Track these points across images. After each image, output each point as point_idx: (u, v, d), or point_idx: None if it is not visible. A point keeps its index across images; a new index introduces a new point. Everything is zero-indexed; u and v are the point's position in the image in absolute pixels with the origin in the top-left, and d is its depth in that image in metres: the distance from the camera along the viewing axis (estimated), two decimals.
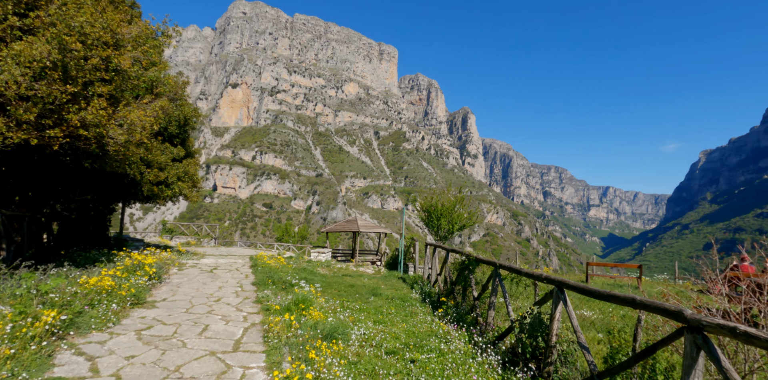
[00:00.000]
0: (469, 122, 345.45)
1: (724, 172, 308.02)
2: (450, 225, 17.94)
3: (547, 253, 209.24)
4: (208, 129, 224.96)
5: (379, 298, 8.07)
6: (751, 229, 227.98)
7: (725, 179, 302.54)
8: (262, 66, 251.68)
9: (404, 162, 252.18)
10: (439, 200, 18.63)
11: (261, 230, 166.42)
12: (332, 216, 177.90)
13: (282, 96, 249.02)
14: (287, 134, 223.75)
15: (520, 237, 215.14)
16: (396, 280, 12.44)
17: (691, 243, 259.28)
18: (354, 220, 27.05)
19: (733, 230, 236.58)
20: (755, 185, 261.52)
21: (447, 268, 8.48)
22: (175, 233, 29.33)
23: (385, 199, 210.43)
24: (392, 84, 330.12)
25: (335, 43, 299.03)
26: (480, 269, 6.79)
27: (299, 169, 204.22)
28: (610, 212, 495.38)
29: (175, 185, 11.39)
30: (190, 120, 12.36)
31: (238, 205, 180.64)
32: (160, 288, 8.35)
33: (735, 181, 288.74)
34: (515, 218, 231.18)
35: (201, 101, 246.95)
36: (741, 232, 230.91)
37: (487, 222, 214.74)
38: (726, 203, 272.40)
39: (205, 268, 11.46)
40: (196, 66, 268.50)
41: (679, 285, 13.53)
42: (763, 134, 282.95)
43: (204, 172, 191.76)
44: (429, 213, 18.41)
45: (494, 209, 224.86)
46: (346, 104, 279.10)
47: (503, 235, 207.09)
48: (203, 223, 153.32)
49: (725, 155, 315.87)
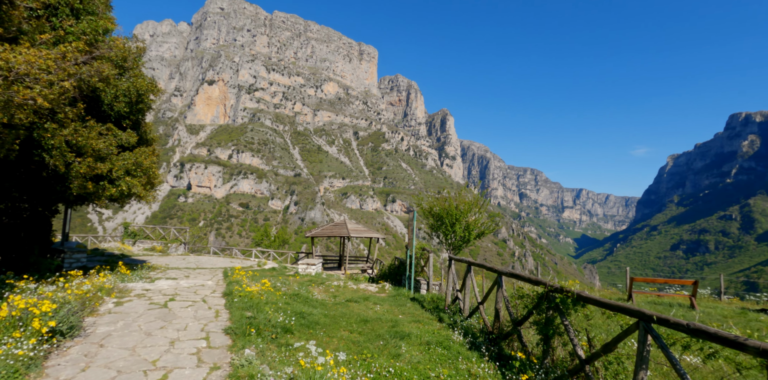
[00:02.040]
0: (447, 124, 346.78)
1: (690, 176, 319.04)
2: (465, 232, 15.71)
3: (523, 254, 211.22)
4: (183, 126, 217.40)
5: (410, 344, 5.70)
6: (715, 230, 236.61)
7: (691, 183, 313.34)
8: (239, 63, 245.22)
9: (383, 163, 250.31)
10: (453, 202, 16.33)
11: (237, 230, 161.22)
12: (310, 217, 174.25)
13: (260, 94, 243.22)
14: (265, 132, 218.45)
15: (497, 238, 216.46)
16: (411, 304, 10.32)
17: (659, 244, 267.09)
18: (343, 223, 24.47)
19: (698, 231, 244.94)
20: (719, 189, 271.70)
21: (503, 298, 6.09)
22: (139, 237, 25.94)
23: (363, 199, 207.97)
24: (372, 84, 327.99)
25: (315, 42, 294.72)
26: (582, 312, 4.53)
27: (277, 168, 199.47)
28: (583, 213, 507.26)
29: (123, 181, 8.42)
30: (144, 96, 9.32)
31: (213, 205, 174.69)
32: (65, 352, 4.96)
33: (700, 184, 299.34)
34: (492, 220, 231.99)
35: (176, 97, 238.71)
36: (705, 233, 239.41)
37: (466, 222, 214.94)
38: (692, 206, 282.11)
39: (158, 298, 8.44)
40: (170, 61, 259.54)
41: (727, 302, 12.01)
42: (726, 140, 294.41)
43: (178, 170, 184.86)
44: (440, 218, 15.99)
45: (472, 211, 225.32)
46: (325, 103, 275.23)
47: None
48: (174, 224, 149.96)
49: (691, 160, 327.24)
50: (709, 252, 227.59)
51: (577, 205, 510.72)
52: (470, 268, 8.50)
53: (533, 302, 5.09)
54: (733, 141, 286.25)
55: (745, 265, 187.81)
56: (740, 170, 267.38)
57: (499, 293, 6.41)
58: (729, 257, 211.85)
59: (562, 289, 4.69)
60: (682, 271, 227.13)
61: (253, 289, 8.48)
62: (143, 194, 10.10)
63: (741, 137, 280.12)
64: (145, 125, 10.96)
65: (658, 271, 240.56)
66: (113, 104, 8.20)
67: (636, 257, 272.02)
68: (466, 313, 8.31)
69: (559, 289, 4.74)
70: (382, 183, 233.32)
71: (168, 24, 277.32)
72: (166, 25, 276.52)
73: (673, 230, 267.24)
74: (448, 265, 9.77)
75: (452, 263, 9.79)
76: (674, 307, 10.20)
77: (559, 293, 4.72)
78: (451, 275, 9.49)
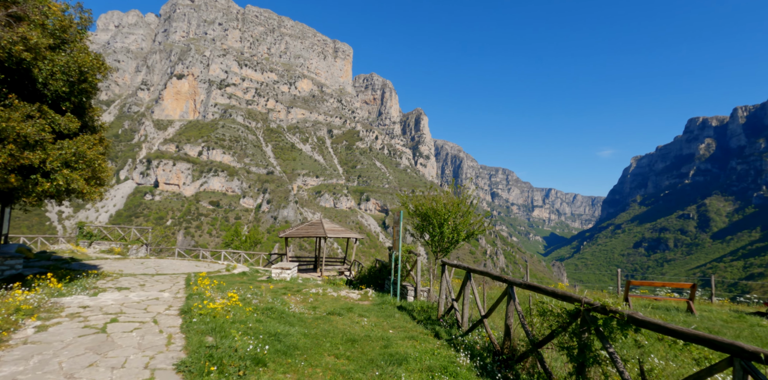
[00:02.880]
0: (422, 123, 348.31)
1: (651, 176, 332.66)
2: (454, 234, 14.67)
3: (495, 252, 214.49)
4: (150, 122, 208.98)
5: (410, 371, 4.70)
6: (674, 229, 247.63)
7: (653, 183, 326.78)
8: (210, 58, 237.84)
9: (357, 161, 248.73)
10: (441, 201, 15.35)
11: (207, 229, 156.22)
12: (283, 215, 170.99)
13: (232, 90, 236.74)
14: (237, 129, 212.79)
15: None
16: (399, 314, 9.31)
17: (623, 242, 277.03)
18: (319, 223, 23.07)
19: (659, 229, 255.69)
20: (678, 189, 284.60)
21: (517, 313, 5.09)
22: (96, 238, 23.55)
23: (338, 198, 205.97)
24: (347, 82, 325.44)
25: (289, 38, 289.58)
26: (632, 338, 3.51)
27: (249, 166, 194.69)
28: (552, 212, 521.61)
29: (60, 174, 6.99)
30: (89, 75, 7.81)
31: (182, 203, 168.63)
32: None
33: (661, 185, 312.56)
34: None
35: (142, 91, 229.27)
36: (665, 232, 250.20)
37: None
38: (653, 205, 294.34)
39: (96, 319, 6.73)
40: (137, 54, 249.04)
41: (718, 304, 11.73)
42: (684, 142, 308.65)
43: (145, 167, 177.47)
44: (427, 218, 15.01)
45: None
46: (299, 100, 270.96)
47: None
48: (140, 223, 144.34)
49: (653, 161, 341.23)
50: (669, 250, 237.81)
51: (547, 204, 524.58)
52: (470, 275, 7.46)
53: (562, 321, 4.24)
54: (691, 144, 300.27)
55: (701, 261, 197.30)
56: (697, 172, 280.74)
57: (510, 306, 5.51)
58: (687, 254, 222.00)
59: (605, 308, 3.79)
60: (644, 268, 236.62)
61: (217, 305, 7.05)
62: (86, 190, 8.55)
63: (698, 140, 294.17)
64: (92, 110, 9.49)
65: (622, 268, 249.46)
66: (49, 82, 6.87)
67: (601, 255, 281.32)
68: (465, 327, 7.31)
69: (601, 308, 3.84)
70: (356, 182, 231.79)
71: (135, 15, 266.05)
72: (133, 16, 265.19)
73: (636, 229, 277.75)
74: (442, 270, 8.83)
75: (446, 269, 8.84)
76: (671, 311, 9.76)
77: (601, 312, 3.84)
78: (444, 282, 8.58)
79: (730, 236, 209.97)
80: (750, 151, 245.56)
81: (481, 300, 8.43)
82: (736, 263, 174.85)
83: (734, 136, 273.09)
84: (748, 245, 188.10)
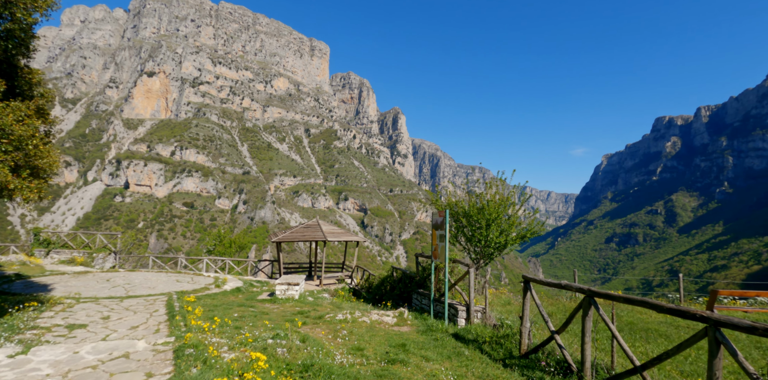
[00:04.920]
0: (399, 122, 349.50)
1: (621, 174, 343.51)
2: (503, 237, 12.07)
3: None
4: (120, 121, 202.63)
5: None
6: (643, 224, 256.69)
7: (623, 180, 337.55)
8: (183, 55, 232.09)
9: (335, 160, 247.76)
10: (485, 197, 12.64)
11: (181, 231, 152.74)
12: (260, 216, 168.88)
13: (205, 88, 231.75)
14: (211, 128, 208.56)
15: None
16: (467, 349, 7.28)
17: (595, 237, 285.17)
18: (316, 225, 20.94)
19: (629, 225, 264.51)
20: (646, 186, 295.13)
21: None
22: (55, 246, 20.62)
23: (315, 198, 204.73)
24: (324, 81, 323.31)
25: (264, 36, 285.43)
26: None
27: (224, 166, 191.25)
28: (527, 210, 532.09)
29: None
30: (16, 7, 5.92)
31: (154, 204, 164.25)
32: None
33: (630, 182, 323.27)
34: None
35: (111, 89, 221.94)
36: (635, 227, 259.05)
37: (417, 220, 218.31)
38: (623, 202, 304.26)
39: None
40: (105, 50, 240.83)
41: None
42: (652, 141, 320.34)
43: (114, 168, 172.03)
44: (468, 218, 12.43)
45: (424, 208, 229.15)
46: (275, 99, 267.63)
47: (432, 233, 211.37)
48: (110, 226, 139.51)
49: (623, 159, 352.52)
50: (639, 244, 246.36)
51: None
52: (592, 303, 5.54)
53: None
54: (658, 142, 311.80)
55: (669, 255, 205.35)
56: (664, 169, 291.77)
57: (716, 362, 3.82)
58: (655, 248, 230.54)
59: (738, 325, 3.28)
60: (615, 262, 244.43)
61: (233, 366, 4.84)
62: (15, 185, 6.23)
63: (665, 138, 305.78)
64: (31, 72, 7.38)
65: (595, 263, 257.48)
66: None
67: (575, 250, 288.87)
68: (589, 376, 5.50)
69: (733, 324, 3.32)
70: (334, 181, 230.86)
71: (102, 10, 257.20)
72: (100, 11, 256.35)
73: (607, 224, 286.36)
74: (524, 288, 7.08)
75: (531, 287, 7.01)
76: None
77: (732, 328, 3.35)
78: (528, 304, 7.00)
79: (695, 230, 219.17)
80: (713, 149, 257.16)
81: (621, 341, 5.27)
82: (701, 256, 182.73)
83: (698, 134, 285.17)
84: (711, 238, 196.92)
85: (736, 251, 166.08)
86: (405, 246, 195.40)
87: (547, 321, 6.44)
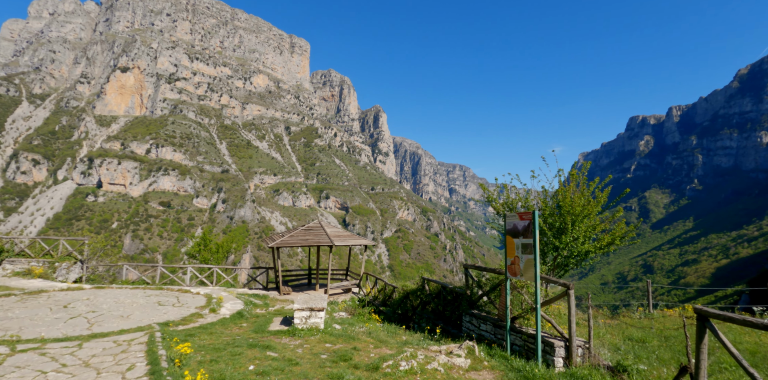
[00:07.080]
0: (380, 120, 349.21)
1: (597, 171, 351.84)
2: (587, 245, 10.05)
3: (454, 247, 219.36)
4: (92, 118, 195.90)
5: None
6: None
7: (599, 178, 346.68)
8: (158, 50, 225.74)
9: (316, 159, 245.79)
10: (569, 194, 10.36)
11: (158, 231, 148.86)
12: (240, 215, 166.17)
13: (182, 84, 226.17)
14: (188, 126, 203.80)
15: (429, 232, 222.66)
16: None
17: None
18: (319, 227, 18.52)
19: None
20: (621, 183, 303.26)
21: None
22: (10, 255, 17.61)
23: (296, 196, 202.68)
24: (304, 78, 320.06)
25: (243, 32, 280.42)
26: None
27: (202, 164, 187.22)
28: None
29: None
30: None
31: (129, 204, 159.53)
32: None
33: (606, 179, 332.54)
34: (424, 214, 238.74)
35: (82, 84, 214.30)
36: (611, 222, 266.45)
37: (399, 218, 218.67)
38: None
39: None
40: (75, 44, 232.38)
41: None
42: (626, 139, 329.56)
43: (86, 166, 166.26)
44: (544, 220, 10.52)
45: (405, 206, 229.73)
46: (254, 96, 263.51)
47: (414, 231, 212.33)
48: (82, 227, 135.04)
49: (598, 157, 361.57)
50: None
51: (502, 199, 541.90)
52: (708, 326, 4.21)
53: None
54: (632, 141, 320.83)
55: (643, 250, 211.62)
56: (638, 167, 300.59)
57: None
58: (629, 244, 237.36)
59: None
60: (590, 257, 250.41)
61: None
62: None
63: (639, 137, 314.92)
64: None
65: None
66: None
67: None
68: None
69: None
70: (315, 179, 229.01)
71: (72, 2, 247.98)
72: (70, 4, 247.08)
73: None
74: (699, 328, 4.42)
75: (713, 327, 4.31)
76: None
77: None
78: (705, 349, 4.36)
79: (667, 226, 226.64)
80: (683, 147, 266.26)
81: None
82: (673, 250, 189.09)
83: (669, 133, 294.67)
84: (682, 234, 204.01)
85: (706, 246, 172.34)
86: (387, 244, 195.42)
87: None
